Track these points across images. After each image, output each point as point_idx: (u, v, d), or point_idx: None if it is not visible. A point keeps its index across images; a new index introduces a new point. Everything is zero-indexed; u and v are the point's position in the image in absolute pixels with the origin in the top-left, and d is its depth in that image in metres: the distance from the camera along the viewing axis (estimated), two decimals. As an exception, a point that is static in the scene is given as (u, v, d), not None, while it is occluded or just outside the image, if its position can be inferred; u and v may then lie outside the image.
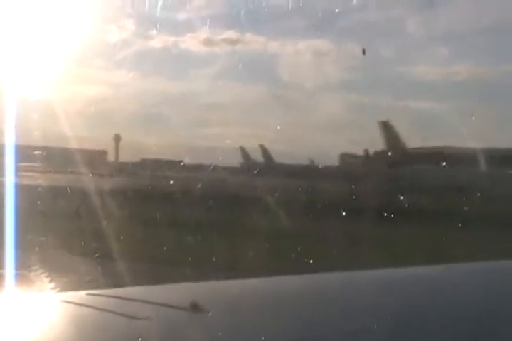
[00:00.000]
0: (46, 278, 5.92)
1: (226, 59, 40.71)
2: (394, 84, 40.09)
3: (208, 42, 42.53)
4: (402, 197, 21.34)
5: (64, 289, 4.66)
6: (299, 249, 12.30)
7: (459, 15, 39.95)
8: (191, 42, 48.96)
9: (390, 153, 33.66)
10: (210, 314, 2.73)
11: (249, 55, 39.36)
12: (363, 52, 13.08)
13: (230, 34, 40.21)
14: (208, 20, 41.06)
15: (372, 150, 34.49)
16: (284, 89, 46.36)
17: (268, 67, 42.76)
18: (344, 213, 14.48)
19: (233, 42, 37.71)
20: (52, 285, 5.36)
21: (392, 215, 15.32)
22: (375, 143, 32.84)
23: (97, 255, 10.36)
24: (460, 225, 14.56)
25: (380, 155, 34.19)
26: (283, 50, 41.47)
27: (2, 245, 5.74)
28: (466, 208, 17.18)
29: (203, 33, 38.02)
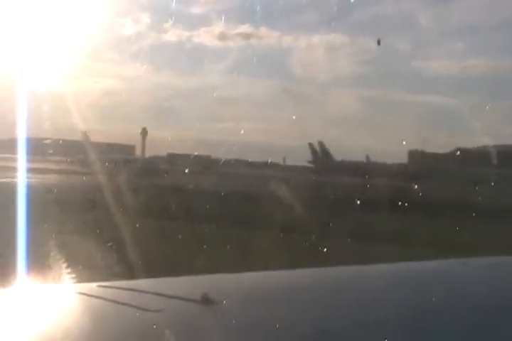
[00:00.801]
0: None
1: (240, 53, 40.65)
2: (408, 78, 39.86)
3: (222, 36, 42.62)
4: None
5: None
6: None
7: (474, 9, 39.70)
8: (205, 37, 49.03)
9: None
10: (223, 305, 2.74)
11: (263, 49, 39.34)
12: (378, 42, 12.98)
13: (245, 28, 40.19)
14: (223, 15, 41.03)
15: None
16: (298, 83, 46.30)
17: (281, 62, 42.68)
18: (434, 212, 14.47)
19: (247, 36, 37.65)
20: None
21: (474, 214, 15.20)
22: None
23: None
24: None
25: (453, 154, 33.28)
26: (296, 45, 41.44)
27: (15, 237, 5.79)
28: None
29: (218, 27, 38.06)
